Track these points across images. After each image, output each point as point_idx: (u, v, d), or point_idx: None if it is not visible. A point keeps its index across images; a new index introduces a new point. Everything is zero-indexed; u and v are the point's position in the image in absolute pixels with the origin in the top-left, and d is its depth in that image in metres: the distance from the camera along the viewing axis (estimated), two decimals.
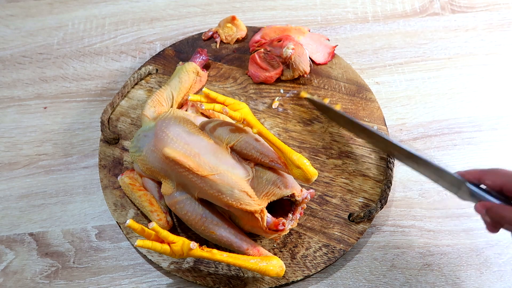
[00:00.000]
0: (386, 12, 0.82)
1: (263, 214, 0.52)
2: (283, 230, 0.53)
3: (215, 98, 0.58)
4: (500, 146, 0.69)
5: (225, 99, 0.58)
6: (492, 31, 0.80)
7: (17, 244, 0.64)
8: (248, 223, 0.55)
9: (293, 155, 0.53)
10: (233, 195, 0.52)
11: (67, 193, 0.68)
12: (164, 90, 0.67)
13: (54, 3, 0.86)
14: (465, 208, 0.64)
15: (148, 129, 0.60)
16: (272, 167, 0.56)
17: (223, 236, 0.56)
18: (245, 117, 0.57)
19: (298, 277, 0.59)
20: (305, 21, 0.82)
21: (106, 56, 0.80)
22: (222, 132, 0.58)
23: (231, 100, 0.58)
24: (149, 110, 0.64)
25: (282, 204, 0.56)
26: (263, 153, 0.55)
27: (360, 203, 0.63)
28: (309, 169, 0.53)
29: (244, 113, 0.57)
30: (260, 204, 0.52)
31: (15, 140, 0.72)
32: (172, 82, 0.68)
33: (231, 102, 0.57)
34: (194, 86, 0.70)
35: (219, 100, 0.58)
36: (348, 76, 0.73)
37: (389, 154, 0.65)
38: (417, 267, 0.61)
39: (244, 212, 0.53)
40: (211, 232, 0.56)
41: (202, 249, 0.55)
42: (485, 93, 0.74)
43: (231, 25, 0.76)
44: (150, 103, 0.65)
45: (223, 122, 0.60)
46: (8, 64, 0.80)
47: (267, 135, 0.55)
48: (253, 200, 0.52)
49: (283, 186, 0.54)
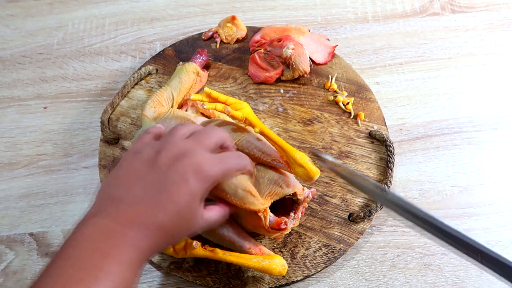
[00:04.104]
0: (386, 12, 0.82)
1: (266, 213, 0.52)
2: (285, 229, 0.53)
3: (216, 98, 0.58)
4: (500, 146, 0.69)
5: (226, 98, 0.58)
6: (492, 31, 0.80)
7: (17, 244, 0.64)
8: (250, 222, 0.54)
9: (295, 153, 0.53)
10: (237, 194, 0.51)
11: (67, 193, 0.68)
12: (164, 91, 0.67)
13: (54, 3, 0.86)
14: (465, 208, 0.64)
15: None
16: (274, 166, 0.56)
17: (225, 236, 0.56)
18: (247, 116, 0.57)
19: (298, 277, 0.59)
20: (305, 21, 0.82)
21: (106, 56, 0.80)
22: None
23: (233, 99, 0.58)
24: (149, 111, 0.64)
25: (284, 203, 0.56)
26: (265, 152, 0.55)
27: (360, 203, 0.63)
28: (312, 167, 0.53)
29: (246, 112, 0.57)
30: (263, 204, 0.52)
31: (15, 140, 0.72)
32: (172, 83, 0.68)
33: (232, 102, 0.57)
34: (194, 86, 0.70)
35: (221, 100, 0.57)
36: (348, 76, 0.73)
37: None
38: (417, 267, 0.61)
39: (247, 211, 0.53)
40: (214, 231, 0.56)
41: (204, 248, 0.55)
42: (485, 93, 0.74)
43: (231, 25, 0.76)
44: (150, 103, 0.65)
45: (223, 121, 0.60)
46: (8, 64, 0.80)
47: (269, 134, 0.55)
48: (256, 200, 0.52)
49: (285, 185, 0.54)
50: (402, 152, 0.69)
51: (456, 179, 0.66)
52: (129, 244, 0.41)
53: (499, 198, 0.65)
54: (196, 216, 0.45)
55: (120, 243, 0.41)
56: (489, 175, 0.67)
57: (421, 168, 0.67)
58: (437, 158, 0.68)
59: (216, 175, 0.46)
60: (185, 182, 0.44)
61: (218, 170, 0.46)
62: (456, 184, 0.66)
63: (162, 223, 0.43)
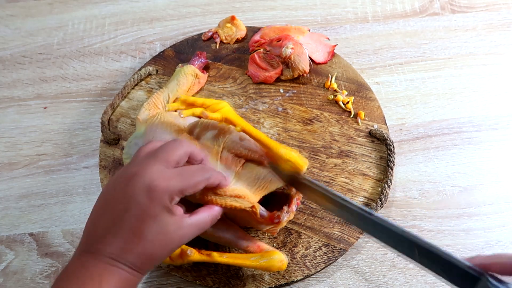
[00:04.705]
0: (386, 12, 0.82)
1: (255, 209, 0.52)
2: (279, 223, 0.53)
3: (193, 103, 0.57)
4: (500, 146, 0.69)
5: (203, 101, 0.57)
6: (492, 31, 0.80)
7: (17, 244, 0.64)
8: (243, 218, 0.54)
9: (280, 149, 0.53)
10: (225, 200, 0.52)
11: (67, 193, 0.68)
12: (161, 93, 0.67)
13: (54, 3, 0.86)
14: (465, 208, 0.64)
15: (139, 136, 0.60)
16: (263, 162, 0.55)
17: (221, 237, 0.56)
18: (227, 116, 0.56)
19: (298, 277, 0.58)
20: (305, 21, 0.82)
21: (106, 56, 0.80)
22: (208, 137, 0.58)
23: (210, 101, 0.57)
24: (143, 113, 0.64)
25: (279, 197, 0.56)
26: (251, 149, 0.55)
27: (360, 202, 0.63)
28: (298, 160, 0.53)
29: (225, 112, 0.56)
30: (251, 201, 0.52)
31: (15, 140, 0.72)
32: (170, 85, 0.68)
33: (210, 104, 0.56)
34: (192, 88, 0.70)
35: (198, 104, 0.57)
36: (348, 75, 0.73)
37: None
38: (417, 267, 0.61)
39: (238, 210, 0.53)
40: (210, 233, 0.56)
41: (201, 253, 0.55)
42: (485, 93, 0.74)
43: (231, 25, 0.77)
44: (146, 105, 0.65)
45: (208, 125, 0.58)
46: (8, 64, 0.80)
47: (251, 131, 0.54)
48: (244, 200, 0.52)
49: (274, 180, 0.54)
50: (402, 152, 0.69)
51: (456, 179, 0.66)
52: (114, 276, 0.43)
53: (499, 198, 0.65)
54: (173, 227, 0.45)
55: (104, 277, 0.42)
56: (489, 175, 0.67)
57: (421, 168, 0.67)
58: (437, 158, 0.68)
59: (174, 188, 0.45)
60: (136, 203, 0.44)
61: (175, 184, 0.45)
62: (456, 184, 0.66)
63: (136, 250, 0.44)
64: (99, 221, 0.45)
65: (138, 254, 0.44)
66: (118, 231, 0.44)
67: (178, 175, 0.46)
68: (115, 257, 0.43)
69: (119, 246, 0.43)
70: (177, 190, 0.45)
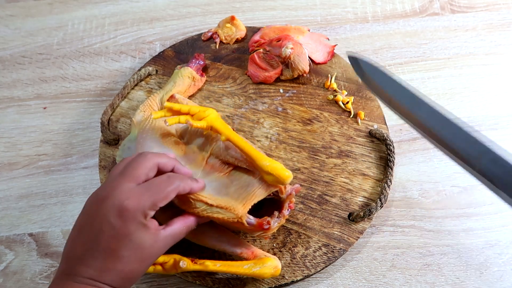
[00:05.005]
0: (386, 12, 0.82)
1: (242, 219, 0.52)
2: (269, 229, 0.53)
3: (178, 110, 0.56)
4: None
5: (189, 108, 0.56)
6: (492, 31, 0.79)
7: (17, 245, 0.64)
8: (232, 225, 0.54)
9: (263, 161, 0.52)
10: (206, 211, 0.52)
11: (67, 193, 0.68)
12: (157, 95, 0.67)
13: (54, 3, 0.86)
14: (464, 208, 0.64)
15: (132, 140, 0.61)
16: (251, 170, 0.55)
17: (215, 245, 0.56)
18: (212, 124, 0.55)
19: (298, 277, 0.58)
20: (305, 21, 0.82)
21: (106, 56, 0.80)
22: (196, 143, 0.57)
23: (196, 108, 0.56)
24: (138, 115, 0.64)
25: (272, 202, 0.56)
26: (237, 158, 0.55)
27: (360, 202, 0.63)
28: (281, 173, 0.51)
29: (210, 120, 0.55)
30: (236, 213, 0.51)
31: (15, 140, 0.72)
32: (167, 87, 0.68)
33: (196, 111, 0.56)
34: (188, 90, 0.70)
35: (183, 111, 0.56)
36: (348, 75, 0.73)
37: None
38: (417, 267, 0.61)
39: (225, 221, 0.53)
40: (203, 242, 0.56)
41: (194, 262, 0.55)
42: (485, 93, 0.74)
43: (231, 25, 0.76)
44: (141, 107, 0.65)
45: (196, 131, 0.58)
46: (8, 64, 0.80)
47: (236, 141, 0.54)
48: (229, 211, 0.52)
49: (264, 186, 0.53)
50: (402, 152, 0.69)
51: (456, 179, 0.66)
52: None
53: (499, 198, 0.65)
54: (149, 242, 0.46)
55: None
56: None
57: (421, 168, 0.67)
58: (437, 158, 0.68)
59: (145, 204, 0.46)
60: (110, 224, 0.45)
61: (146, 200, 0.46)
62: (456, 184, 0.66)
63: (114, 270, 0.45)
64: (77, 243, 0.46)
65: (117, 273, 0.45)
66: (95, 252, 0.45)
67: (147, 191, 0.47)
68: (95, 277, 0.44)
69: (98, 267, 0.44)
70: (148, 206, 0.46)
